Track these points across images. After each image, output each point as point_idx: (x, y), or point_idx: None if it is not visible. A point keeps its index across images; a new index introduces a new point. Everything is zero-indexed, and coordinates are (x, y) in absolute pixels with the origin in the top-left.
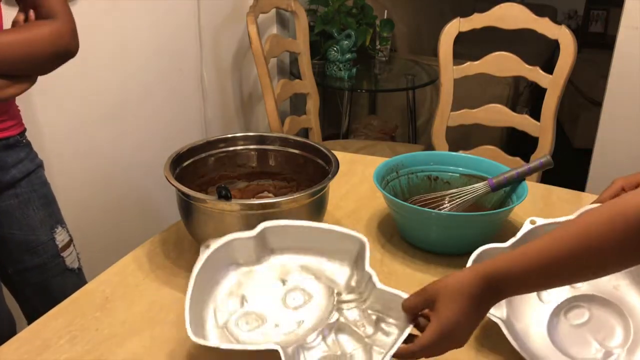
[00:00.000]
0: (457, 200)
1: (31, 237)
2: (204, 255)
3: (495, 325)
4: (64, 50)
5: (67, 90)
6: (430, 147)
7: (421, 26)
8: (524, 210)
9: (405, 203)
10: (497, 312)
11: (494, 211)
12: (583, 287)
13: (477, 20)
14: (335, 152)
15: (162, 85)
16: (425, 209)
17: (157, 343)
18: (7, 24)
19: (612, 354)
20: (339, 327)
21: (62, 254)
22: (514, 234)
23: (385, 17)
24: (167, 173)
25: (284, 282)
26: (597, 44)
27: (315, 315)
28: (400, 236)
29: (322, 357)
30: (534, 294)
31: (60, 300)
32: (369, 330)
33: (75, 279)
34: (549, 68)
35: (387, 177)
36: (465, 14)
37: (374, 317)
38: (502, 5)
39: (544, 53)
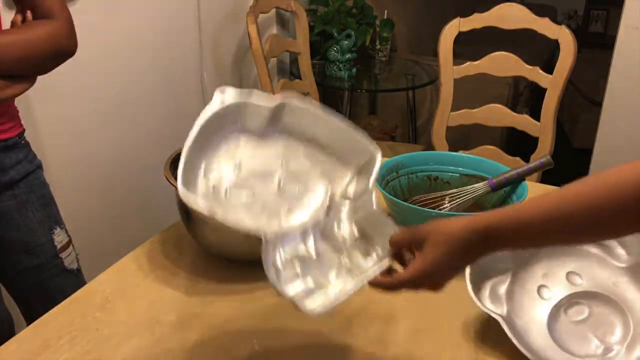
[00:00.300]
0: (457, 200)
1: (30, 238)
2: (214, 105)
3: (495, 322)
4: (61, 50)
5: (66, 90)
6: (430, 147)
7: (421, 26)
8: None
9: (405, 203)
10: (498, 309)
11: None
12: (583, 284)
13: (477, 20)
14: None
15: (162, 85)
16: (425, 209)
17: (157, 343)
18: (5, 26)
19: (612, 349)
20: (322, 232)
21: (60, 255)
22: None
23: (385, 17)
24: (167, 173)
25: (283, 163)
26: (597, 44)
27: (303, 210)
28: None
29: (298, 255)
30: (535, 291)
31: (59, 301)
32: (349, 243)
33: (74, 280)
34: (549, 68)
35: (387, 177)
36: (465, 14)
37: (357, 232)
38: (502, 5)
39: (544, 53)
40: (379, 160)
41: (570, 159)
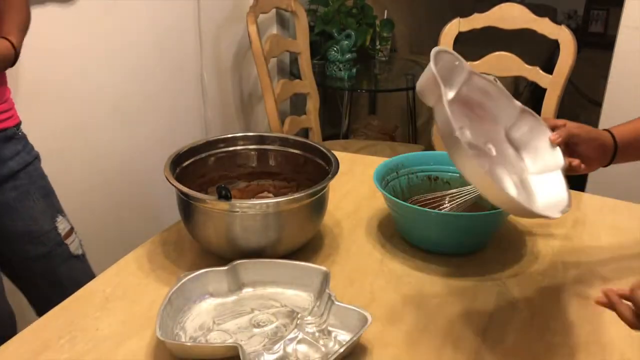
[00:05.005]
0: (457, 200)
1: (34, 228)
2: (178, 283)
3: (497, 318)
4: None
5: (67, 90)
6: (430, 147)
7: (421, 26)
8: None
9: (405, 203)
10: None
11: (494, 211)
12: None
13: (477, 20)
14: (335, 152)
15: (162, 85)
16: (425, 209)
17: (157, 343)
18: None
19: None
20: (299, 341)
21: (65, 242)
22: (514, 235)
23: (385, 17)
24: (167, 173)
25: (252, 310)
26: (597, 44)
27: (278, 333)
28: (400, 236)
29: (281, 357)
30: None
31: (69, 287)
32: (326, 342)
33: (81, 265)
34: (549, 68)
35: (387, 177)
36: (465, 14)
37: (333, 333)
38: (502, 5)
39: (544, 53)
40: (329, 274)
41: None
